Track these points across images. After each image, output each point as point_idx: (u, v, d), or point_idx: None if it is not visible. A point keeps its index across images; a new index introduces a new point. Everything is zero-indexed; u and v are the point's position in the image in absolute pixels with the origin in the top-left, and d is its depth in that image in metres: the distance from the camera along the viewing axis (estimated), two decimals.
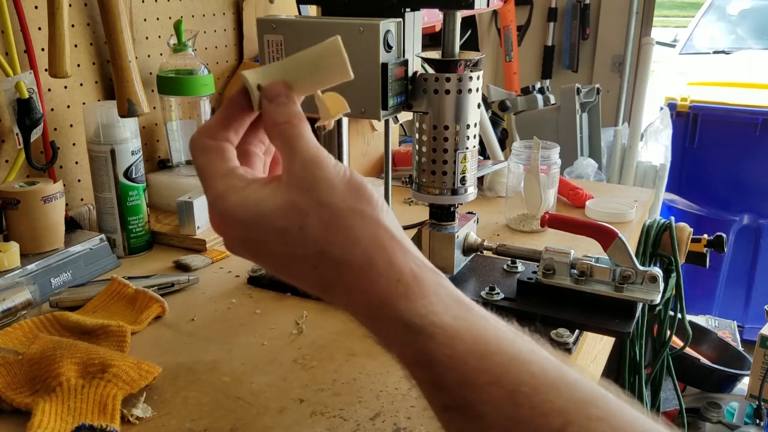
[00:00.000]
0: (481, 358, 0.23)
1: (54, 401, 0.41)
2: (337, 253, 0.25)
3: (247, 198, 0.26)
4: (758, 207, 1.73)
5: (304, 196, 0.25)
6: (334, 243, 0.25)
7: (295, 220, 0.25)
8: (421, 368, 0.24)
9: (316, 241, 0.25)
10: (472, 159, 0.54)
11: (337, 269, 0.25)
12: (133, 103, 0.64)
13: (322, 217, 0.25)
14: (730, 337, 1.51)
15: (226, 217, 0.26)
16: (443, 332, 0.24)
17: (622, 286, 0.52)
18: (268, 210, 0.25)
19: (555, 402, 0.22)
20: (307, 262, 0.25)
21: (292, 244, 0.25)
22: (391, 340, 0.25)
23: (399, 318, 0.24)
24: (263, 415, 0.42)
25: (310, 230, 0.25)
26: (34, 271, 0.58)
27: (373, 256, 0.25)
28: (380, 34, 0.49)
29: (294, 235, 0.25)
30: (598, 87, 1.55)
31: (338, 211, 0.25)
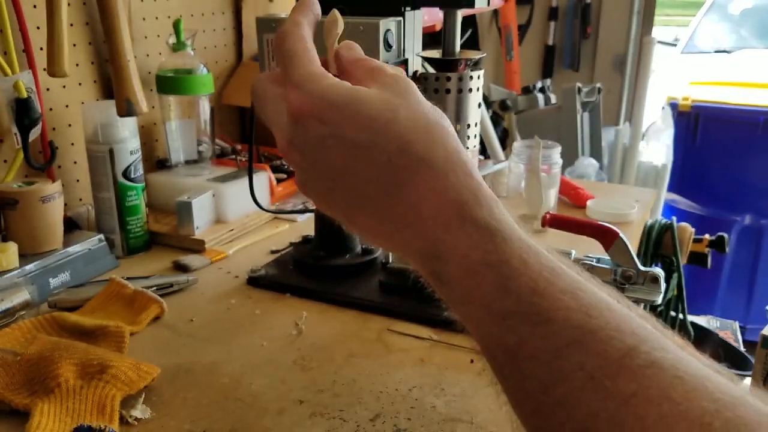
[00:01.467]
0: (555, 272, 0.23)
1: (52, 402, 0.41)
2: (420, 150, 0.25)
3: (341, 84, 0.26)
4: (760, 207, 1.73)
5: (396, 96, 0.26)
6: (418, 141, 0.25)
7: (387, 111, 0.25)
8: (488, 269, 0.23)
9: (401, 135, 0.25)
10: (472, 159, 0.54)
11: (415, 165, 0.25)
12: (131, 103, 0.64)
13: (413, 116, 0.25)
14: (731, 338, 1.51)
15: (315, 95, 0.25)
16: (520, 239, 0.24)
17: (624, 286, 0.52)
18: (362, 96, 0.25)
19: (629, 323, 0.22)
20: (384, 154, 0.25)
21: (376, 132, 0.25)
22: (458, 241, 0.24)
23: (475, 219, 0.24)
24: (263, 416, 0.42)
25: (399, 123, 0.25)
26: (32, 271, 0.57)
27: (455, 162, 0.25)
28: (380, 33, 0.49)
29: (381, 125, 0.25)
30: (599, 86, 1.55)
31: (428, 116, 0.26)
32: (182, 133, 0.77)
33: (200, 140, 0.78)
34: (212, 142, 0.80)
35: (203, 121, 0.78)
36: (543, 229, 0.75)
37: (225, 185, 0.73)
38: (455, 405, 0.43)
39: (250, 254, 0.68)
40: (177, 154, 0.78)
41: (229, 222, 0.73)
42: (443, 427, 0.41)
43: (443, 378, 0.46)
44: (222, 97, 0.90)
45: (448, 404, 0.43)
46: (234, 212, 0.74)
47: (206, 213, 0.71)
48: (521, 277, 0.23)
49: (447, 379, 0.46)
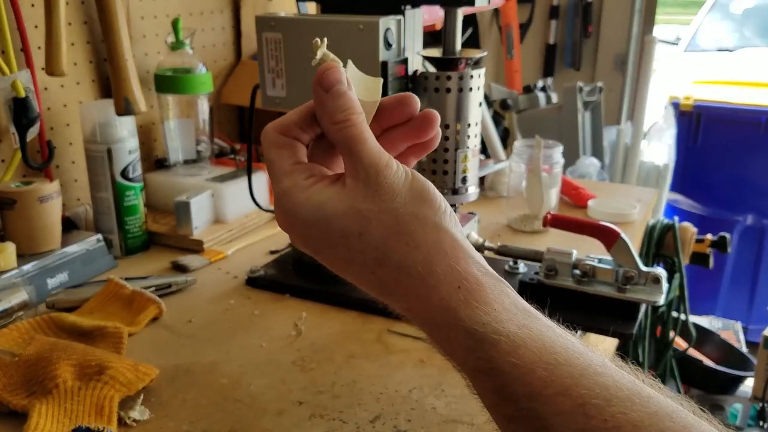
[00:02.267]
0: (549, 369, 0.23)
1: (51, 403, 0.41)
2: (397, 259, 0.25)
3: (310, 198, 0.25)
4: (762, 207, 1.72)
5: (366, 202, 0.25)
6: (394, 249, 0.25)
7: (356, 225, 0.25)
8: (484, 377, 0.24)
9: (376, 247, 0.25)
10: (473, 158, 0.54)
11: (395, 275, 0.25)
12: (130, 102, 0.63)
13: (384, 223, 0.25)
14: (733, 339, 1.50)
15: (289, 215, 0.26)
16: (507, 340, 0.23)
17: (625, 287, 0.51)
18: (330, 213, 0.25)
19: (629, 414, 0.21)
20: (366, 267, 0.25)
21: (351, 249, 0.25)
22: (452, 347, 0.25)
23: (460, 325, 0.24)
24: (262, 417, 0.42)
25: (371, 236, 0.25)
26: (30, 271, 0.57)
27: (433, 262, 0.25)
28: (380, 31, 0.49)
29: (354, 241, 0.25)
30: (600, 85, 1.55)
31: (399, 216, 0.25)
32: (181, 133, 0.77)
33: (199, 140, 0.78)
34: (211, 142, 0.80)
35: (202, 121, 0.78)
36: (544, 229, 0.75)
37: (224, 185, 0.73)
38: (455, 406, 0.43)
39: (249, 254, 0.68)
40: (176, 154, 0.78)
41: (227, 222, 0.73)
42: (443, 429, 0.41)
43: (443, 379, 0.46)
44: (221, 97, 0.89)
45: (448, 405, 0.43)
46: (233, 212, 0.73)
47: (205, 213, 0.71)
48: (515, 383, 0.23)
49: (447, 380, 0.46)
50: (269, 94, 0.55)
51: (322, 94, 0.27)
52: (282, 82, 0.54)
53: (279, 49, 0.53)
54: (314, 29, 0.51)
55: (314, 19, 0.52)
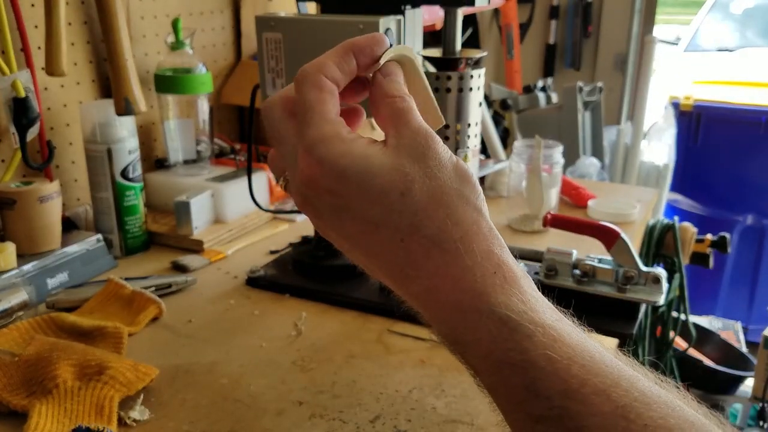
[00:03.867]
0: (586, 367, 0.21)
1: (50, 403, 0.41)
2: (433, 230, 0.23)
3: (353, 149, 0.23)
4: (762, 207, 1.72)
5: (413, 163, 0.23)
6: (433, 218, 0.23)
7: (399, 184, 0.23)
8: (513, 370, 0.22)
9: (415, 212, 0.23)
10: (473, 158, 0.54)
11: (427, 247, 0.23)
12: (130, 102, 0.63)
13: (428, 189, 0.23)
14: (733, 339, 1.50)
15: (325, 164, 0.23)
16: (544, 332, 0.22)
17: (625, 286, 0.51)
18: (375, 166, 0.23)
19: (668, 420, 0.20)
20: (396, 232, 0.23)
21: (388, 208, 0.23)
22: (476, 335, 0.22)
23: (493, 311, 0.22)
24: (262, 417, 0.42)
25: (412, 199, 0.23)
26: (30, 271, 0.57)
27: (472, 241, 0.23)
28: (380, 31, 0.48)
29: (393, 200, 0.23)
30: (600, 85, 1.55)
31: (444, 187, 0.23)
32: (181, 133, 0.77)
33: (199, 140, 0.78)
34: (211, 142, 0.80)
35: (202, 121, 0.78)
36: (544, 229, 0.75)
37: (224, 185, 0.73)
38: (456, 406, 0.43)
39: (249, 254, 0.68)
40: (175, 154, 0.78)
41: (227, 222, 0.73)
42: (443, 429, 0.41)
43: (443, 379, 0.46)
44: (221, 97, 0.89)
45: (448, 405, 0.43)
46: (233, 212, 0.73)
47: (205, 213, 0.71)
48: (550, 378, 0.21)
49: (447, 380, 0.46)
50: (269, 93, 0.55)
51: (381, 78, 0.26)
52: (282, 81, 0.54)
53: (279, 49, 0.53)
54: (314, 29, 0.51)
55: (314, 19, 0.52)
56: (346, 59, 0.25)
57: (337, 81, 0.25)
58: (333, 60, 0.25)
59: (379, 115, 0.26)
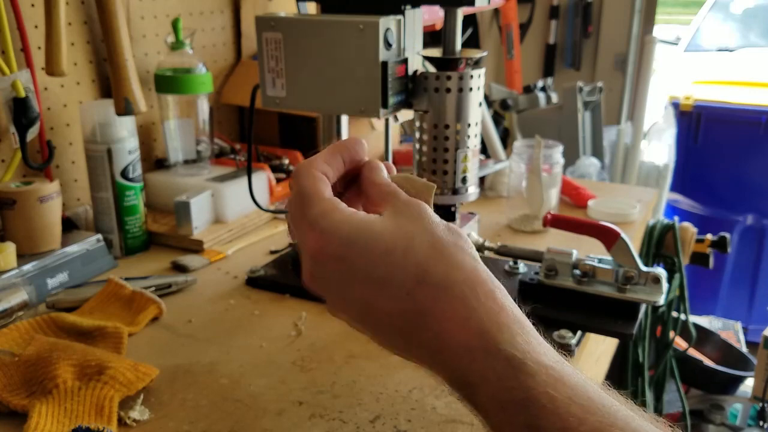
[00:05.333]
0: (585, 407, 0.22)
1: (50, 403, 0.41)
2: (439, 277, 0.25)
3: (353, 217, 0.26)
4: (762, 207, 1.72)
5: (411, 223, 0.26)
6: (437, 267, 0.25)
7: (401, 242, 0.25)
8: (516, 408, 0.23)
9: (418, 264, 0.25)
10: (473, 158, 0.54)
11: (434, 294, 0.25)
12: (130, 102, 0.63)
13: (428, 242, 0.25)
14: (733, 339, 1.50)
15: (326, 233, 0.26)
16: (546, 372, 0.23)
17: (625, 287, 0.51)
18: (376, 228, 0.25)
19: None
20: (402, 287, 0.25)
21: (392, 266, 0.25)
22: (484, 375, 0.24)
23: (498, 350, 0.24)
24: (262, 417, 0.42)
25: (415, 253, 0.25)
26: (30, 271, 0.57)
27: (474, 285, 0.25)
28: (380, 31, 0.49)
29: (397, 257, 0.25)
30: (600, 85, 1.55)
31: (442, 240, 0.26)
32: (181, 133, 0.77)
33: (199, 140, 0.78)
34: (211, 142, 0.80)
35: (202, 121, 0.78)
36: (544, 229, 0.75)
37: (224, 185, 0.73)
38: (455, 406, 0.43)
39: (249, 254, 0.68)
40: (176, 154, 0.78)
41: (227, 222, 0.73)
42: (443, 429, 0.41)
43: None
44: (221, 97, 0.89)
45: (448, 405, 0.43)
46: (233, 212, 0.73)
47: (205, 213, 0.71)
48: (550, 417, 0.22)
49: None
50: (269, 94, 0.55)
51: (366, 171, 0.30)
52: (282, 82, 0.54)
53: (279, 49, 0.53)
54: (314, 29, 0.51)
55: (314, 19, 0.52)
56: (333, 156, 0.29)
57: (326, 173, 0.28)
58: (322, 158, 0.29)
59: (372, 201, 0.29)
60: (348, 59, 0.50)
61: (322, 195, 0.27)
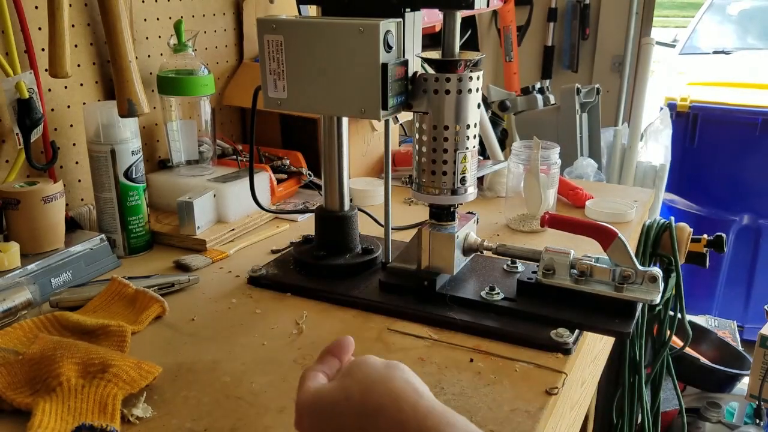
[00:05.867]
0: None
1: (54, 401, 0.41)
2: (373, 406, 0.32)
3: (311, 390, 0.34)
4: (758, 207, 1.73)
5: (347, 378, 0.34)
6: (370, 400, 0.32)
7: (342, 394, 0.33)
8: None
9: (357, 405, 0.32)
10: (472, 159, 0.54)
11: (374, 419, 0.31)
12: (133, 103, 0.64)
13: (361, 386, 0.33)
14: (730, 337, 1.51)
15: (299, 406, 0.34)
16: None
17: (622, 286, 0.52)
18: (324, 392, 0.34)
19: None
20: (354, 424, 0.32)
21: (340, 412, 0.32)
22: None
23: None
24: (263, 414, 0.42)
25: (352, 399, 0.32)
26: (34, 271, 0.58)
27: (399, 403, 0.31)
28: (380, 34, 0.49)
29: (342, 405, 0.32)
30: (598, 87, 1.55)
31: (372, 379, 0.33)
32: (183, 134, 0.77)
33: (201, 141, 0.79)
34: (213, 143, 0.80)
35: (204, 122, 0.78)
36: (542, 229, 0.76)
37: (226, 185, 0.73)
38: (455, 404, 0.44)
39: (251, 254, 0.68)
40: (178, 155, 0.78)
41: (230, 222, 0.73)
42: None
43: (443, 377, 0.47)
44: (223, 98, 0.90)
45: (447, 403, 0.43)
46: (235, 212, 0.74)
47: (207, 213, 0.71)
48: None
49: (446, 378, 0.46)
50: (271, 95, 0.55)
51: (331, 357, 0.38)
52: (283, 83, 0.54)
53: (280, 51, 0.53)
54: (315, 32, 0.52)
55: (315, 21, 0.53)
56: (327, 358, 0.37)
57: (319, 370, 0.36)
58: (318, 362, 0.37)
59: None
60: (348, 61, 0.51)
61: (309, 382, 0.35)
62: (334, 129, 0.59)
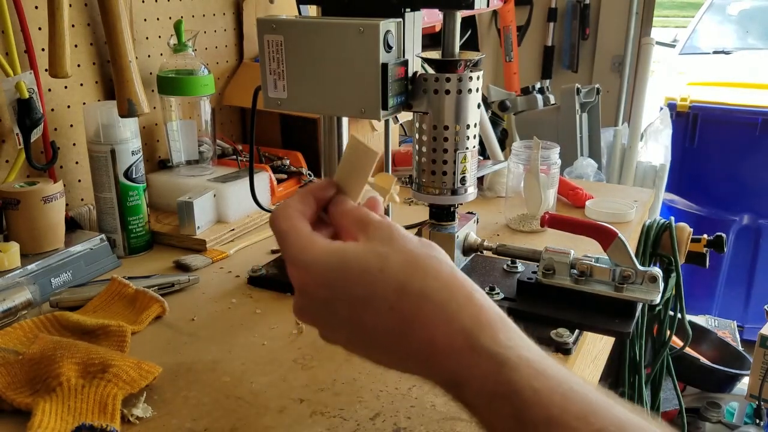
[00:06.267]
0: (567, 396, 0.24)
1: (54, 401, 0.41)
2: (417, 286, 0.26)
3: (329, 247, 0.28)
4: (758, 207, 1.73)
5: (383, 245, 0.28)
6: (414, 277, 0.26)
7: (377, 262, 0.27)
8: (502, 401, 0.24)
9: (396, 279, 0.26)
10: (472, 159, 0.54)
11: (416, 302, 0.26)
12: (133, 103, 0.64)
13: (401, 259, 0.27)
14: (730, 337, 1.51)
15: (310, 267, 0.28)
16: (528, 365, 0.24)
17: (622, 286, 0.52)
18: (350, 255, 0.27)
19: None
20: (384, 302, 0.26)
21: (372, 283, 0.27)
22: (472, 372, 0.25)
23: (482, 348, 0.25)
24: (263, 414, 0.42)
25: (390, 270, 0.27)
26: (34, 271, 0.58)
27: (453, 290, 0.26)
28: (380, 34, 0.49)
29: (374, 275, 0.27)
30: (598, 87, 1.55)
31: (415, 253, 0.27)
32: (183, 134, 0.77)
33: (201, 141, 0.79)
34: (213, 143, 0.80)
35: (204, 122, 0.78)
36: (542, 229, 0.76)
37: (226, 185, 0.73)
38: (455, 405, 0.43)
39: (251, 254, 0.68)
40: (178, 155, 0.78)
41: (230, 222, 0.73)
42: (443, 426, 0.41)
43: None
44: (223, 98, 0.90)
45: (447, 403, 0.44)
46: (235, 212, 0.74)
47: (207, 213, 0.71)
48: (534, 407, 0.23)
49: None
50: (271, 95, 0.55)
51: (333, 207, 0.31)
52: (283, 83, 0.54)
53: (280, 51, 0.53)
54: (315, 32, 0.52)
55: (315, 21, 0.53)
56: (305, 197, 0.31)
57: (302, 211, 0.30)
58: (295, 199, 0.30)
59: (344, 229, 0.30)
60: (348, 61, 0.51)
61: (299, 232, 0.29)
62: (334, 129, 0.59)
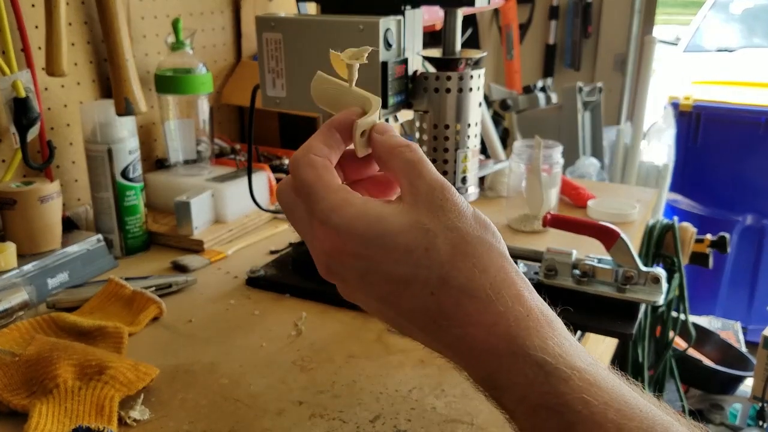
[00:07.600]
0: (622, 411, 0.21)
1: (51, 403, 0.41)
2: (462, 280, 0.23)
3: (367, 211, 0.24)
4: (762, 207, 1.72)
5: (432, 217, 0.24)
6: (461, 269, 0.23)
7: (422, 240, 0.23)
8: (549, 413, 0.22)
9: (441, 264, 0.23)
10: (473, 158, 0.54)
11: (458, 297, 0.23)
12: (130, 102, 0.63)
13: (451, 241, 0.24)
14: (733, 339, 1.51)
15: (342, 231, 0.24)
16: (579, 376, 0.22)
17: (625, 286, 0.51)
18: (393, 226, 0.24)
19: None
20: (426, 286, 0.23)
21: (415, 265, 0.23)
22: (514, 379, 0.23)
23: (528, 355, 0.22)
24: (262, 417, 0.42)
25: (438, 253, 0.23)
26: (30, 271, 0.57)
27: (501, 287, 0.24)
28: (380, 32, 0.49)
29: (419, 256, 0.23)
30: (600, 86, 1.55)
31: (467, 236, 0.24)
32: (181, 133, 0.77)
33: (199, 140, 0.78)
34: (211, 142, 0.80)
35: (202, 121, 0.78)
36: (544, 229, 0.75)
37: (224, 185, 0.73)
38: (455, 406, 0.43)
39: (250, 254, 0.68)
40: (176, 154, 0.78)
41: (228, 222, 0.73)
42: (443, 428, 0.41)
43: (443, 379, 0.46)
44: (221, 97, 0.89)
45: (448, 405, 0.43)
46: (233, 212, 0.73)
47: (205, 213, 0.71)
48: (586, 423, 0.21)
49: (447, 379, 0.46)
50: (269, 94, 0.55)
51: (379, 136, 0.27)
52: (282, 82, 0.54)
53: (279, 49, 0.53)
54: (314, 29, 0.51)
55: (314, 19, 0.52)
56: (330, 135, 0.26)
57: (327, 156, 0.26)
58: (318, 139, 0.26)
59: (390, 168, 0.26)
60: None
61: (330, 185, 0.25)
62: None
